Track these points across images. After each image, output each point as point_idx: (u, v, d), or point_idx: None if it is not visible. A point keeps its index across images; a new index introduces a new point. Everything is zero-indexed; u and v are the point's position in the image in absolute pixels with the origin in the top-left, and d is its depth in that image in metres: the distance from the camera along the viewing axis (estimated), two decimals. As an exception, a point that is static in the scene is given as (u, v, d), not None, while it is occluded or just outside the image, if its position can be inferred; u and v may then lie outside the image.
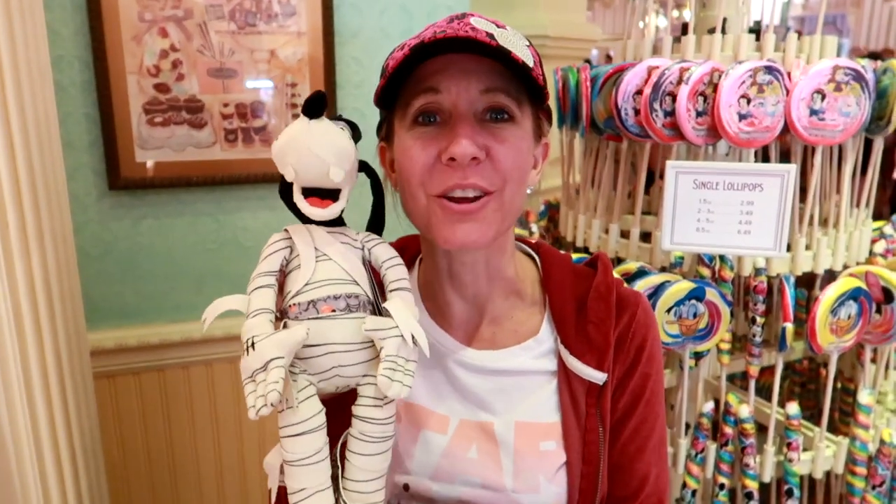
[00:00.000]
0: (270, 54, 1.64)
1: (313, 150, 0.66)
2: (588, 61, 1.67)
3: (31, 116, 1.03)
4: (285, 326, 0.67)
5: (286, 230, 0.72)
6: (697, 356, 1.33)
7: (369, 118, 1.77)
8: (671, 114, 1.25)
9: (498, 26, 0.69)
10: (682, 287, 1.21)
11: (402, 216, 0.80)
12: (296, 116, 0.75)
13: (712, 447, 1.33)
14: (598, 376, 0.76)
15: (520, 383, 0.79)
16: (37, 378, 1.03)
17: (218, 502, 1.83)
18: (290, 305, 0.68)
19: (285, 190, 0.71)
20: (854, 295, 1.22)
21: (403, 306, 0.69)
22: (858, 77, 1.21)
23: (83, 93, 1.54)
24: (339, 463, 0.70)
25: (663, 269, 1.36)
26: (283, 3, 1.62)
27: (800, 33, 1.33)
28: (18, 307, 0.99)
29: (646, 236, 1.45)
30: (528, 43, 0.72)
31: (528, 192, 0.78)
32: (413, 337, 0.66)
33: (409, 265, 0.87)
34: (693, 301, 1.22)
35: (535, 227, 1.75)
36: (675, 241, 1.18)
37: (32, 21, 1.06)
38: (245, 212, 1.72)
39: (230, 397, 1.78)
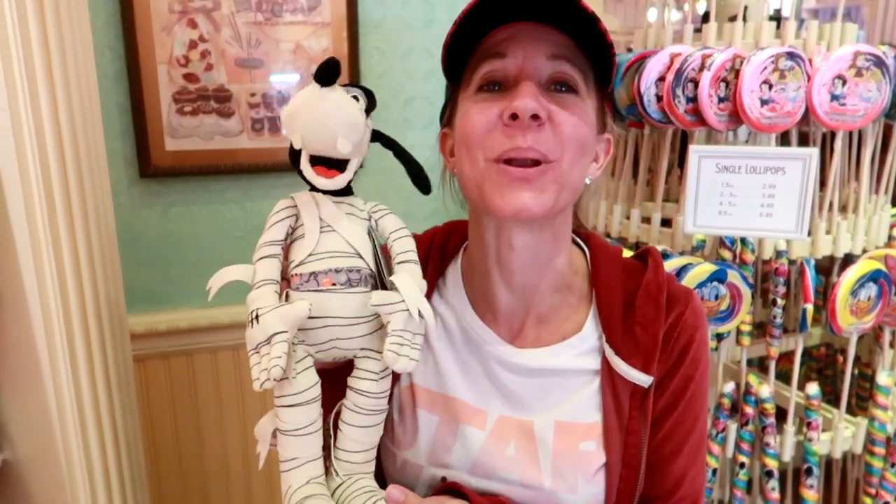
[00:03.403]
0: (296, 45, 1.67)
1: (322, 120, 0.64)
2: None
3: (77, 103, 1.06)
4: (287, 296, 0.67)
5: (292, 198, 0.70)
6: (719, 338, 1.35)
7: (391, 108, 1.82)
8: (693, 100, 1.27)
9: None
10: (703, 269, 1.23)
11: (452, 203, 0.79)
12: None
13: (733, 427, 1.36)
14: (643, 379, 0.74)
15: (562, 383, 0.77)
16: (82, 360, 1.06)
17: (244, 483, 1.88)
18: (292, 275, 0.67)
19: (294, 154, 0.69)
20: (874, 277, 1.25)
21: (410, 280, 0.68)
22: (879, 62, 1.23)
23: (115, 82, 1.58)
24: (331, 432, 0.70)
25: (682, 254, 1.38)
26: (308, -5, 1.65)
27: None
28: (65, 288, 1.01)
29: (666, 222, 1.47)
30: None
31: (587, 181, 0.75)
32: (420, 312, 0.66)
33: (454, 251, 0.85)
34: (715, 283, 1.24)
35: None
36: (698, 224, 1.20)
37: (78, 13, 1.10)
38: (271, 199, 1.72)
39: (256, 381, 1.82)
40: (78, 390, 1.05)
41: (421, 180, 0.76)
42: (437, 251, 0.84)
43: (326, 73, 0.64)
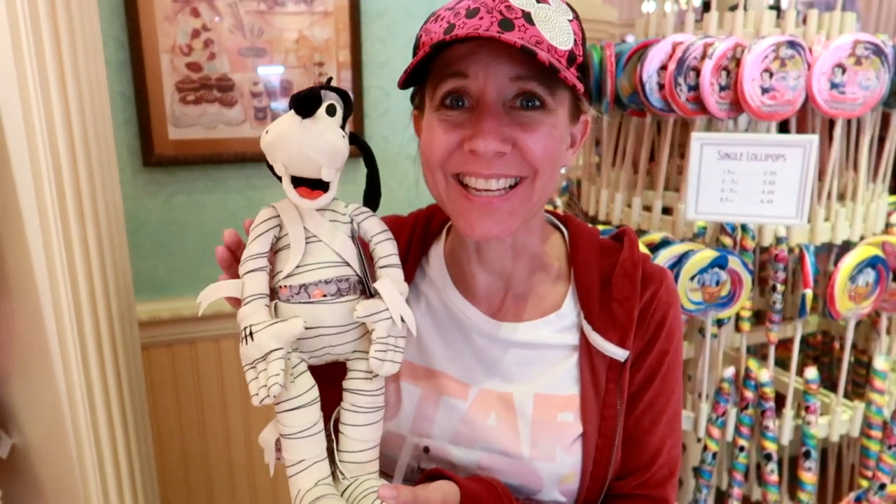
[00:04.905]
0: (298, 34, 1.67)
1: (305, 153, 0.63)
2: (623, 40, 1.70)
3: (87, 94, 1.07)
4: (276, 308, 0.68)
5: (274, 207, 0.70)
6: (719, 324, 1.37)
7: (393, 96, 1.82)
8: (695, 88, 1.29)
9: (539, 0, 0.67)
10: (705, 255, 1.25)
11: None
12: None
13: (733, 411, 1.38)
14: (620, 353, 0.77)
15: (541, 356, 0.80)
16: (92, 346, 1.07)
17: (248, 472, 1.90)
18: (280, 287, 0.68)
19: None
20: (872, 263, 1.27)
21: (392, 287, 0.69)
22: (878, 51, 1.24)
23: (118, 72, 1.58)
24: (333, 437, 0.72)
25: (683, 240, 1.40)
26: (310, -16, 1.65)
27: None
28: (75, 275, 1.02)
29: (666, 210, 1.49)
30: (571, 17, 0.70)
31: (563, 171, 0.78)
32: (402, 318, 0.68)
33: (437, 232, 0.87)
34: (716, 269, 1.26)
35: (559, 202, 1.79)
36: (700, 211, 1.22)
37: (88, 5, 1.10)
38: (274, 188, 1.75)
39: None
40: (87, 376, 1.06)
41: (374, 194, 0.77)
42: (420, 234, 0.87)
43: (307, 106, 0.63)
